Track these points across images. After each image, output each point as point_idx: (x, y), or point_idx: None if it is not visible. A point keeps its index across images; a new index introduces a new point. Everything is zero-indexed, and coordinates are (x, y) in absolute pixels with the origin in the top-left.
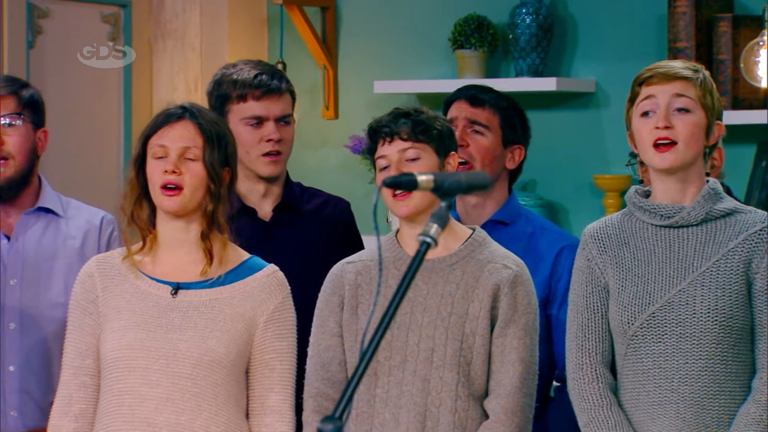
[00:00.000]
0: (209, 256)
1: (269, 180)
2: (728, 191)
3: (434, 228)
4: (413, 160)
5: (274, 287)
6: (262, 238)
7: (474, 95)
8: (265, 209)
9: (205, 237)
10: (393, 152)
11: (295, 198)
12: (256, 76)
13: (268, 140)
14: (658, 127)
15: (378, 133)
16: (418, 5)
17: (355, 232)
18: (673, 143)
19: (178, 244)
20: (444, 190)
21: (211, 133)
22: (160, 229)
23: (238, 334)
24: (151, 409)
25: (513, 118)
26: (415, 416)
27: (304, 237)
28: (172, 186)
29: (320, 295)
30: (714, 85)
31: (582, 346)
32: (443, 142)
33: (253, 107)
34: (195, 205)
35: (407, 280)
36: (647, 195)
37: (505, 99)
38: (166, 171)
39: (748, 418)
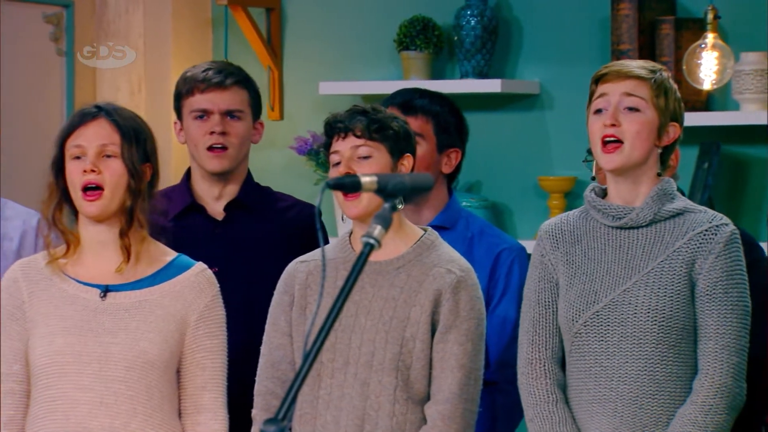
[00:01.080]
0: (126, 253)
1: (222, 177)
2: (681, 194)
3: (377, 229)
4: (365, 158)
5: (203, 286)
6: (210, 237)
7: (406, 102)
8: (217, 208)
9: (123, 234)
10: (346, 148)
11: (251, 198)
12: (204, 71)
13: (212, 133)
14: (606, 125)
15: (333, 128)
16: (363, 7)
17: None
18: (620, 142)
19: (102, 247)
20: (388, 192)
21: (128, 129)
22: (82, 233)
23: (170, 335)
24: (84, 413)
25: (447, 121)
26: (353, 419)
27: (257, 237)
28: (93, 186)
29: (275, 293)
30: (673, 88)
31: (533, 341)
32: (398, 143)
33: (199, 100)
34: (116, 206)
35: (350, 282)
36: (604, 194)
37: (438, 102)
38: (85, 171)
39: (686, 419)
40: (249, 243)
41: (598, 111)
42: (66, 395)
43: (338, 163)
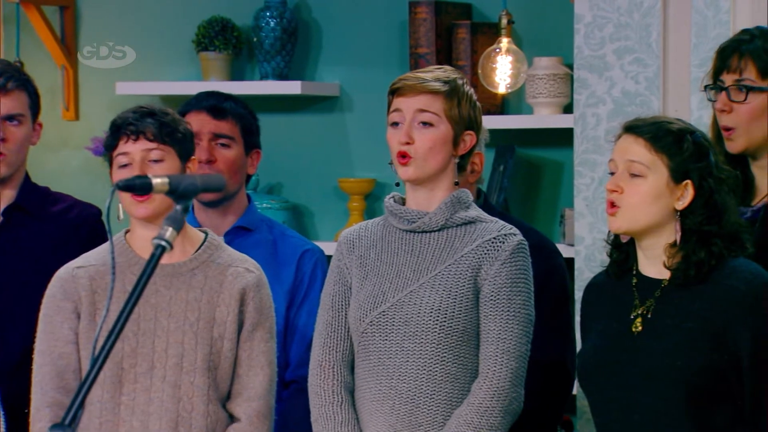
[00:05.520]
0: None
1: None
2: (484, 196)
3: (169, 231)
4: (157, 161)
5: None
6: None
7: (215, 106)
8: None
9: None
10: (137, 151)
11: (30, 201)
12: None
13: None
14: (400, 141)
15: (122, 129)
16: (160, 6)
17: (100, 238)
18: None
19: None
20: (179, 193)
21: None
22: None
23: None
24: None
25: (251, 123)
26: (167, 423)
27: (38, 241)
28: None
29: (47, 300)
30: (468, 94)
31: (325, 343)
32: (185, 146)
33: None
34: None
35: (141, 284)
36: (404, 201)
37: (241, 104)
38: None
39: (461, 419)
40: (30, 247)
41: (395, 124)
42: None
43: (126, 165)
